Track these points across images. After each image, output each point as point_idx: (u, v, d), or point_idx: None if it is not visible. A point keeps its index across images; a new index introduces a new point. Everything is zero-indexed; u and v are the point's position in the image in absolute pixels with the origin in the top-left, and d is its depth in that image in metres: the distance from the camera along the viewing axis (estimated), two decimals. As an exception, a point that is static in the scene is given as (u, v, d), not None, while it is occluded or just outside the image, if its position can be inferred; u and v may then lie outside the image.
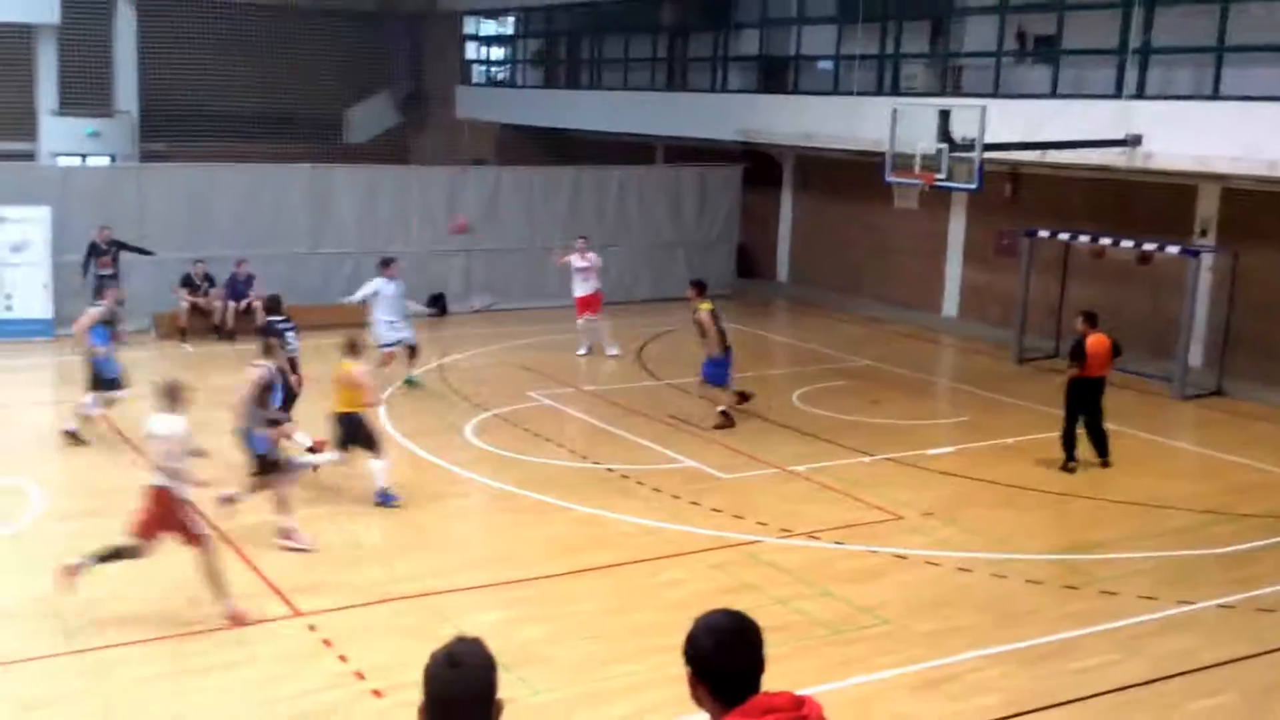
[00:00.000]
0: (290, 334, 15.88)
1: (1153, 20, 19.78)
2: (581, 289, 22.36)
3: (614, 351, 22.14)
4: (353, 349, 13.96)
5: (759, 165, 29.68)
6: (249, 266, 23.11)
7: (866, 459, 16.03)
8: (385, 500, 13.78)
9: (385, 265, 19.50)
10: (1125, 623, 10.98)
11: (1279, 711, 9.31)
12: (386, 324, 19.16)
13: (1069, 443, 15.74)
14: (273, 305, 16.61)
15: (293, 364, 15.52)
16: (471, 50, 40.30)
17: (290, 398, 15.03)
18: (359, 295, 19.56)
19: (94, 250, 22.17)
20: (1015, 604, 11.42)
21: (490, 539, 13.40)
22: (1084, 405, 15.78)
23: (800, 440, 16.86)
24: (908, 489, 14.83)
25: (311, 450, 14.64)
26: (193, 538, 10.64)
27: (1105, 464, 15.84)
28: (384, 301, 19.23)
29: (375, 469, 13.85)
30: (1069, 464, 15.72)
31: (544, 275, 26.93)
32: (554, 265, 23.22)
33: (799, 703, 4.00)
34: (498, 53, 40.78)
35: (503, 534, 13.37)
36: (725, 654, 4.01)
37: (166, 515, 10.57)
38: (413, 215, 25.87)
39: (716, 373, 17.60)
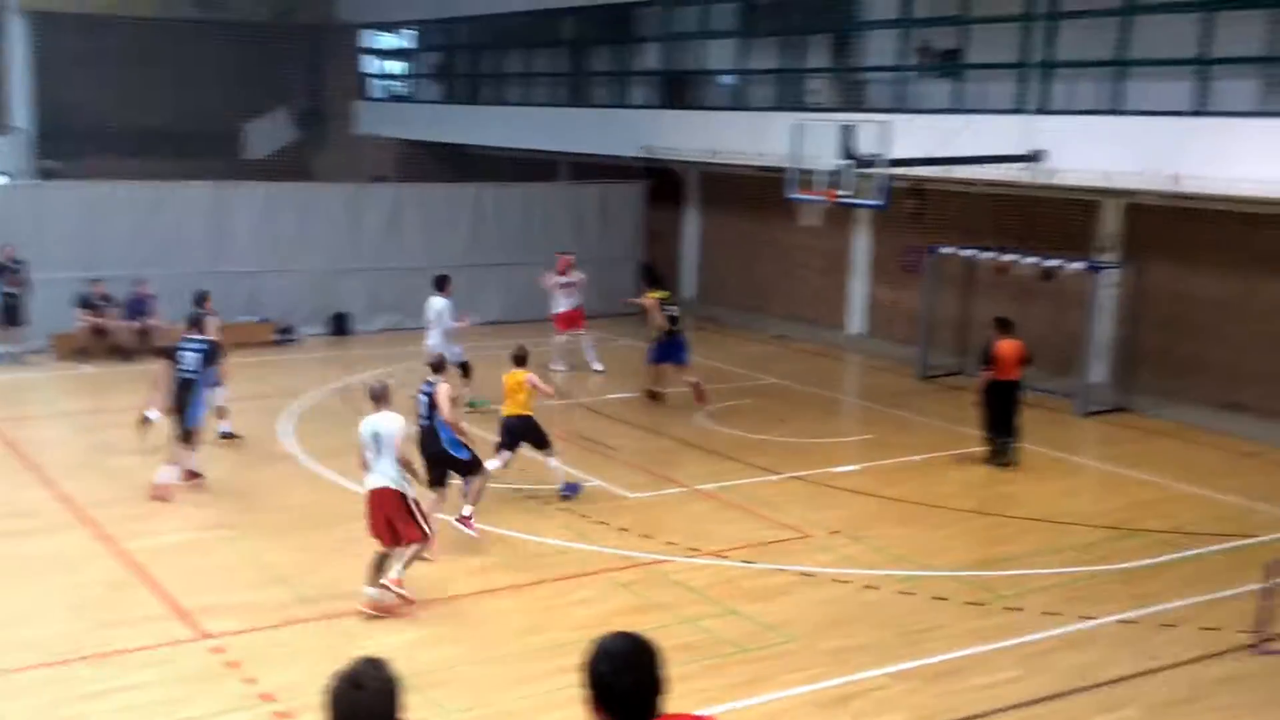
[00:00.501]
0: None
1: (1056, 34, 20.07)
2: (563, 305, 22.25)
3: (599, 367, 22.21)
4: (520, 358, 14.88)
5: (663, 182, 29.75)
6: (149, 286, 22.69)
7: (774, 477, 16.08)
8: (571, 491, 14.93)
9: (441, 286, 19.38)
10: (1029, 639, 11.10)
11: (1178, 725, 9.46)
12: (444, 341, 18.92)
13: (992, 436, 16.60)
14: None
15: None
16: (370, 64, 40.00)
17: None
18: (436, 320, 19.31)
19: (1, 269, 21.71)
20: (920, 621, 11.50)
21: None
22: (998, 406, 16.35)
23: (708, 459, 16.88)
24: (814, 507, 14.90)
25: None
26: (422, 536, 11.43)
27: (1007, 463, 16.40)
28: (442, 319, 19.15)
29: (552, 466, 14.98)
30: (999, 457, 16.56)
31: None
32: (544, 287, 22.95)
33: None
34: (396, 67, 40.49)
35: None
36: (622, 677, 3.99)
37: (399, 513, 11.31)
38: (313, 233, 25.56)
39: (656, 353, 19.11)
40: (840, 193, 18.83)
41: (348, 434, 17.29)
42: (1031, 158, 19.72)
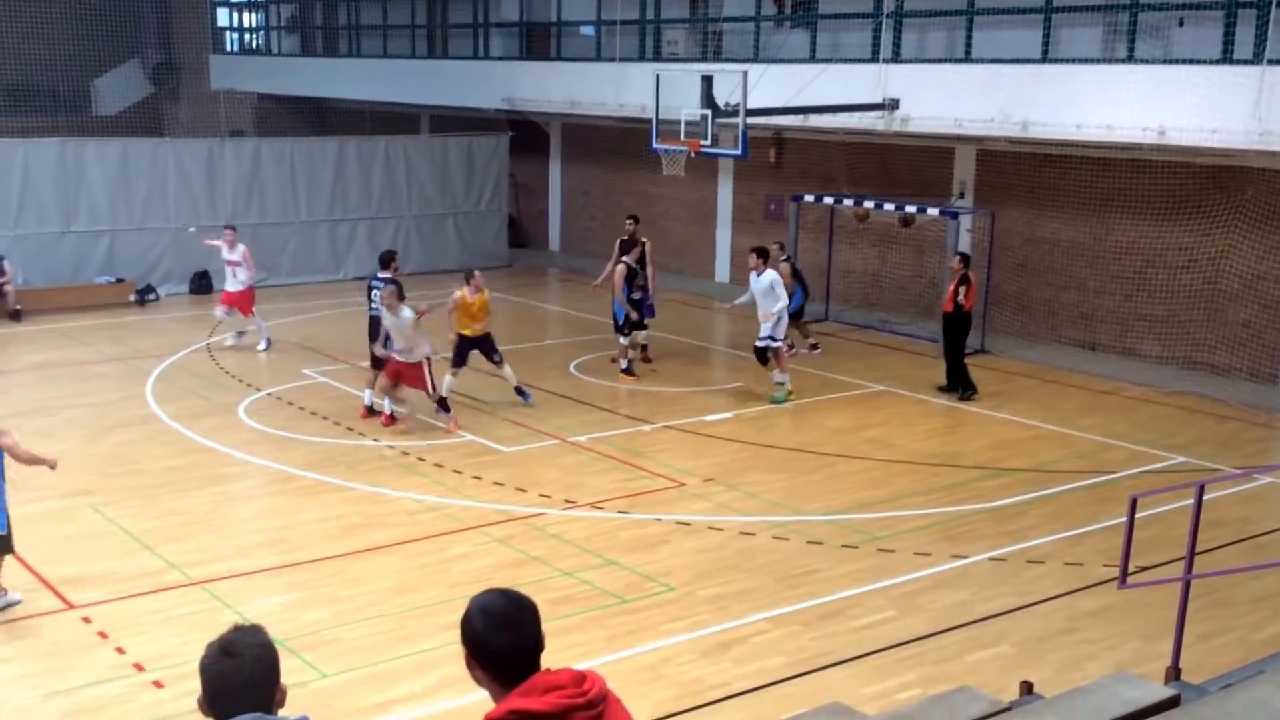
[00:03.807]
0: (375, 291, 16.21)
1: (908, -16, 20.32)
2: (231, 284, 20.22)
3: (264, 347, 20.10)
4: (467, 275, 16.46)
5: (526, 134, 29.55)
6: None
7: (646, 427, 16.15)
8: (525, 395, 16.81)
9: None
10: (902, 579, 11.32)
11: (1051, 660, 9.69)
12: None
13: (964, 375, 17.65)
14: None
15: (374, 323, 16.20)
16: (223, 16, 38.97)
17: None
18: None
19: None
20: (797, 565, 11.65)
21: (268, 522, 13.04)
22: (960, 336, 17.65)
23: (579, 410, 16.89)
24: (688, 456, 15.00)
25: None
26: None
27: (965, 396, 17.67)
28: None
29: (507, 374, 16.78)
30: (966, 393, 17.50)
31: (312, 250, 26.38)
32: (196, 242, 21.64)
33: (580, 678, 3.98)
34: (250, 19, 39.52)
35: (281, 516, 13.03)
36: (499, 634, 3.96)
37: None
38: (170, 190, 24.91)
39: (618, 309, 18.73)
40: (702, 143, 18.87)
41: (212, 395, 17.12)
42: (886, 106, 19.98)
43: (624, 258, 18.61)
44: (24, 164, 23.49)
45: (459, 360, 16.53)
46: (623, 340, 18.55)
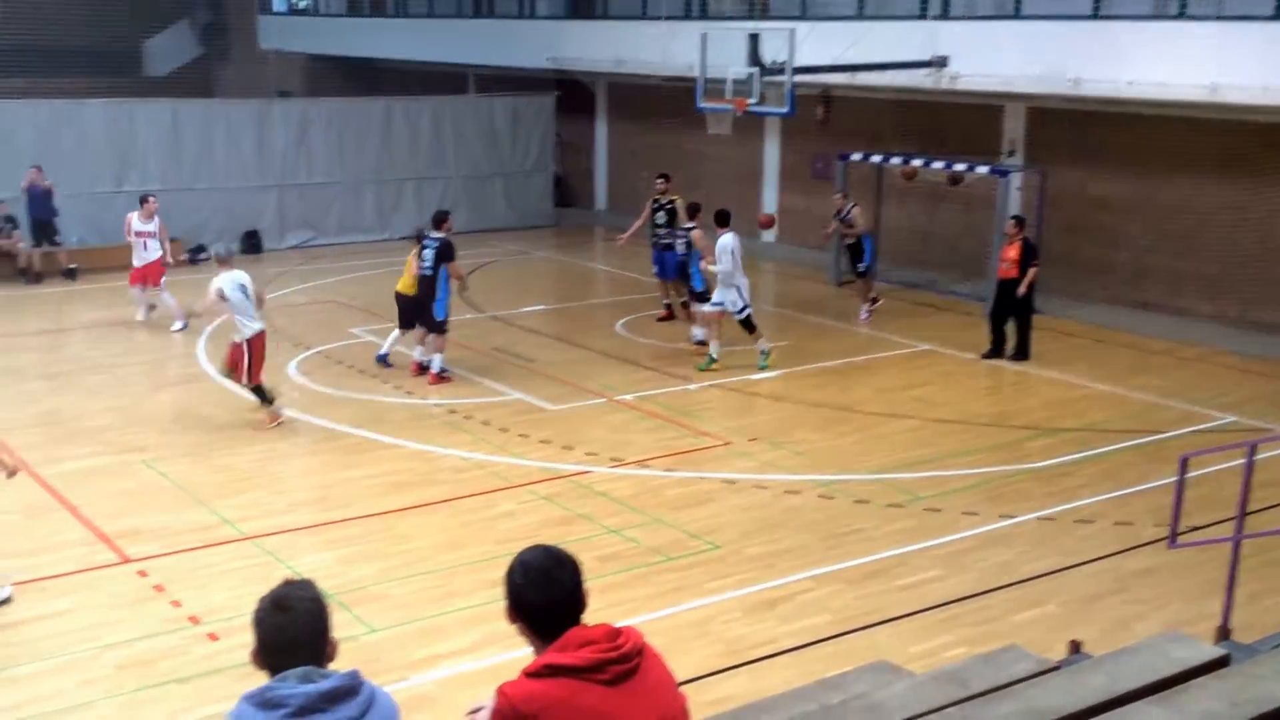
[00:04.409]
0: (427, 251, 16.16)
1: (959, -60, 20.11)
2: (139, 257, 19.09)
3: (179, 327, 18.75)
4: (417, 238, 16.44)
5: (572, 93, 29.49)
6: (6, 208, 22.16)
7: (692, 386, 16.16)
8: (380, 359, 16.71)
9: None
10: (949, 539, 11.30)
11: (1099, 620, 9.65)
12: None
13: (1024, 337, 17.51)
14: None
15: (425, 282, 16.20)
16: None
17: None
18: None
19: None
20: (842, 524, 11.65)
21: (317, 479, 13.13)
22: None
23: (626, 369, 16.91)
24: (734, 415, 15.01)
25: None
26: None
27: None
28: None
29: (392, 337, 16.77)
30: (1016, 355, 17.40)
31: (359, 210, 26.49)
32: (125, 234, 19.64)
33: (615, 634, 4.05)
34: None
35: (330, 473, 13.12)
36: (538, 590, 4.05)
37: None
38: (219, 150, 25.07)
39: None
40: (748, 101, 18.79)
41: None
42: (935, 63, 19.79)
43: (694, 227, 17.93)
44: (77, 125, 23.70)
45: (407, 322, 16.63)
46: (705, 309, 17.55)
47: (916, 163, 21.34)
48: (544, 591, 4.05)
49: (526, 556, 4.12)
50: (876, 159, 22.04)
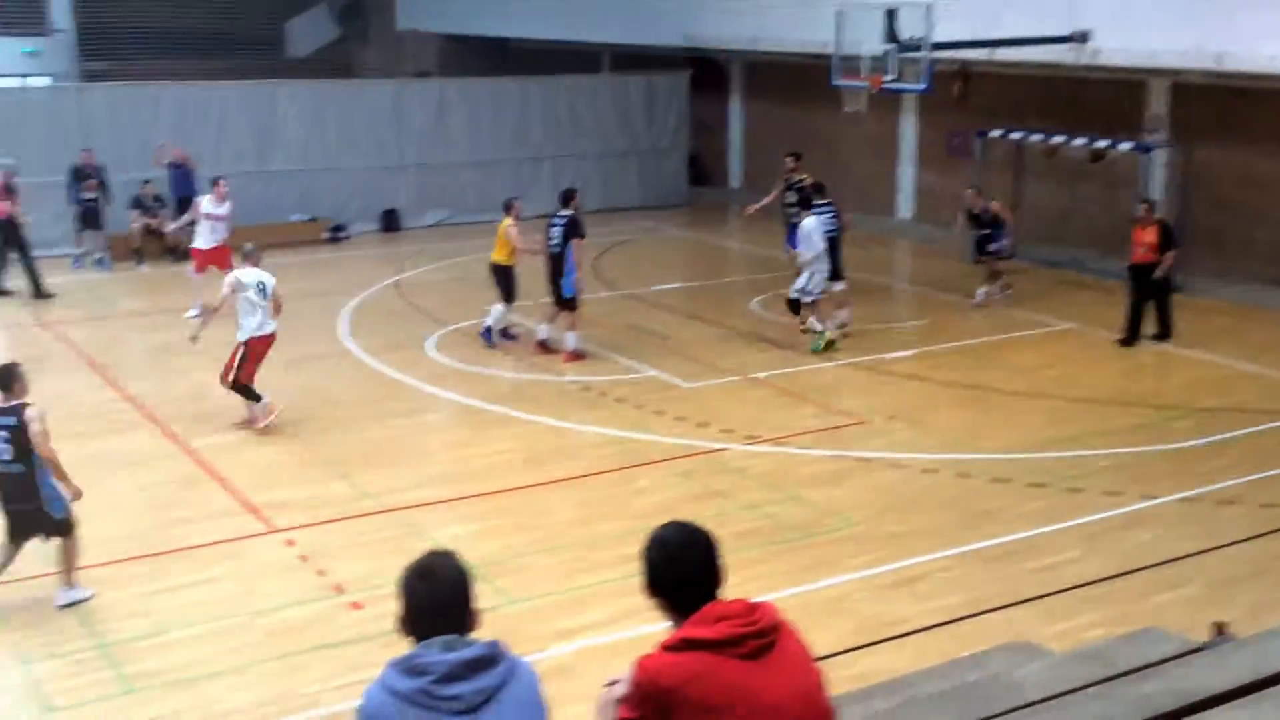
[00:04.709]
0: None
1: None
2: (207, 240, 18.68)
3: (194, 313, 17.56)
4: (508, 207, 16.74)
5: (707, 71, 29.45)
6: (155, 188, 22.80)
7: (828, 364, 16.10)
8: (485, 337, 16.71)
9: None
10: (1089, 519, 11.13)
11: (1241, 602, 9.44)
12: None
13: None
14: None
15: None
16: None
17: None
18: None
19: (78, 174, 21.88)
20: (980, 503, 11.55)
21: (456, 453, 13.36)
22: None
23: (760, 347, 16.90)
24: (870, 393, 14.94)
25: None
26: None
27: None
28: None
29: (496, 310, 16.72)
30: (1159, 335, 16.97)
31: (495, 189, 26.74)
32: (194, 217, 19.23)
33: (751, 609, 4.08)
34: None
35: (469, 448, 13.35)
36: (675, 566, 4.11)
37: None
38: (359, 131, 25.55)
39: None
40: (885, 78, 18.61)
41: (402, 329, 17.60)
42: (1076, 38, 19.37)
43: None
44: (221, 107, 24.33)
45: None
46: (835, 287, 17.30)
47: (1057, 139, 20.94)
48: (680, 566, 4.11)
49: (663, 532, 4.18)
50: (1015, 136, 21.67)
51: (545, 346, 16.41)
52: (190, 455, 12.81)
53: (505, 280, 16.65)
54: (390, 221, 25.65)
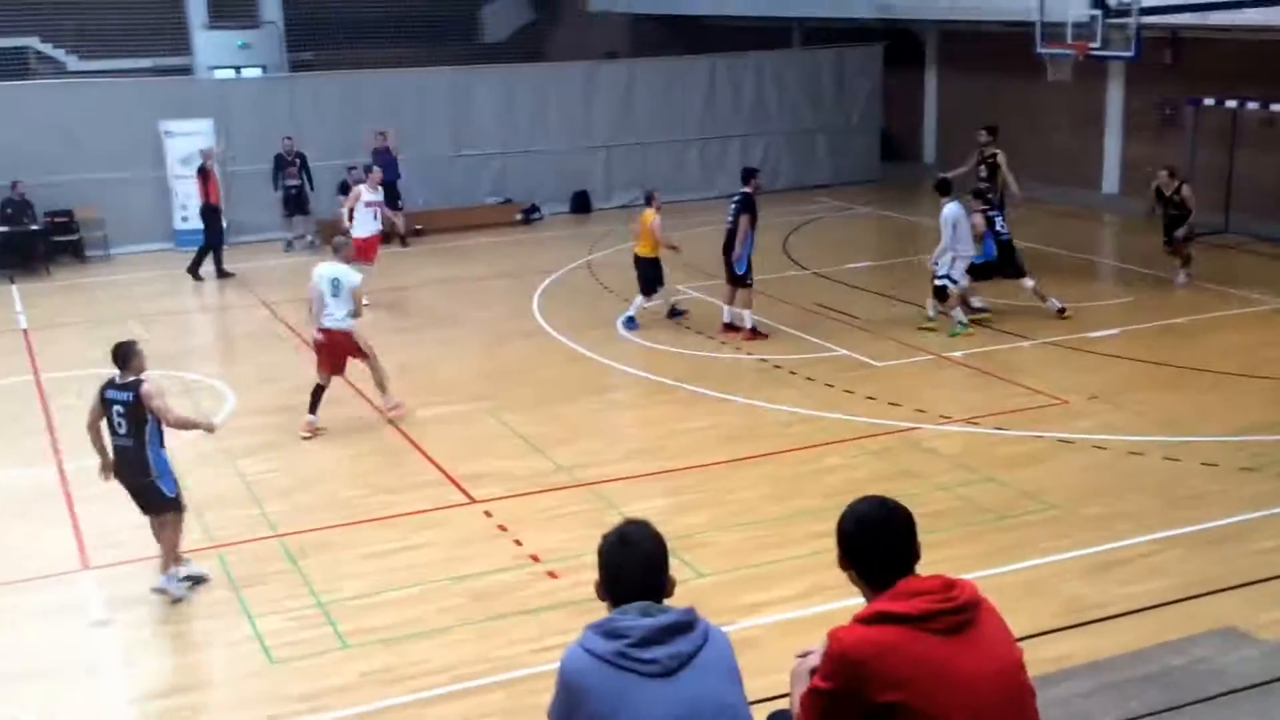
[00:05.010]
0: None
1: None
2: (369, 228, 18.61)
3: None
4: (649, 199, 16.81)
5: (900, 43, 28.95)
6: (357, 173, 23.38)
7: (1026, 343, 15.69)
8: (629, 325, 16.64)
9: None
10: (1306, 504, 10.62)
11: None
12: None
13: None
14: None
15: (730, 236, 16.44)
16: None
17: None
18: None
19: (280, 162, 22.67)
20: (1188, 487, 11.11)
21: (648, 430, 13.42)
22: None
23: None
24: (1071, 372, 14.50)
25: None
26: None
27: None
28: None
29: (637, 302, 16.76)
30: None
31: (683, 169, 26.80)
32: (339, 208, 19.73)
33: (949, 585, 4.02)
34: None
35: (660, 425, 13.40)
36: (871, 540, 4.09)
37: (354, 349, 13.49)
38: (550, 113, 25.85)
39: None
40: (1091, 45, 18.03)
41: (592, 309, 17.76)
42: (1296, -2, 18.47)
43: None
44: (419, 92, 24.88)
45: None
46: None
47: (1276, 107, 20.02)
48: (877, 540, 4.08)
49: (860, 506, 4.16)
50: (1230, 104, 20.77)
51: (730, 327, 16.37)
52: (395, 429, 13.23)
53: (649, 271, 16.66)
54: (581, 203, 25.91)
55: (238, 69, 34.23)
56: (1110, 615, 8.85)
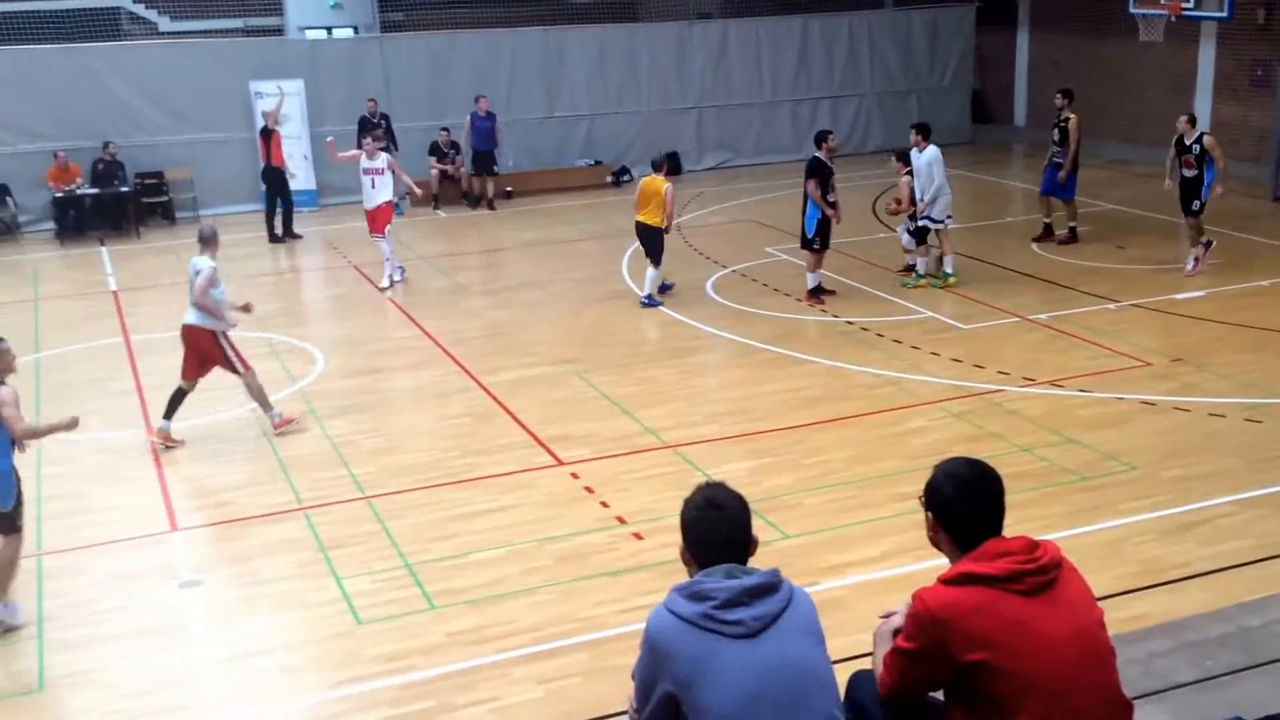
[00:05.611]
0: None
1: None
2: (372, 198, 18.05)
3: (385, 285, 18.09)
4: (658, 165, 16.57)
5: (993, 3, 28.71)
6: (450, 135, 23.65)
7: (1111, 306, 15.72)
8: (649, 302, 16.37)
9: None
10: (1390, 468, 10.64)
11: None
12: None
13: None
14: None
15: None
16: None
17: None
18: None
19: (364, 124, 22.96)
20: (1271, 449, 11.14)
21: (733, 392, 13.62)
22: None
23: (1041, 288, 16.62)
24: (1155, 335, 14.53)
25: None
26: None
27: None
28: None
29: (650, 276, 16.45)
30: None
31: (775, 130, 26.85)
32: (330, 158, 19.79)
33: (1033, 546, 4.16)
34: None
35: (745, 387, 13.60)
36: (963, 501, 4.19)
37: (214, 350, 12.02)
38: (642, 74, 25.99)
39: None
40: (1184, 5, 17.88)
41: (682, 271, 17.98)
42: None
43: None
44: (511, 53, 25.15)
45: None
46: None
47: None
48: (971, 502, 4.20)
49: (953, 468, 4.27)
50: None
51: (812, 293, 16.51)
52: (482, 391, 13.51)
53: (655, 240, 16.45)
54: (672, 165, 26.03)
55: (329, 29, 34.57)
56: (1190, 575, 8.96)
